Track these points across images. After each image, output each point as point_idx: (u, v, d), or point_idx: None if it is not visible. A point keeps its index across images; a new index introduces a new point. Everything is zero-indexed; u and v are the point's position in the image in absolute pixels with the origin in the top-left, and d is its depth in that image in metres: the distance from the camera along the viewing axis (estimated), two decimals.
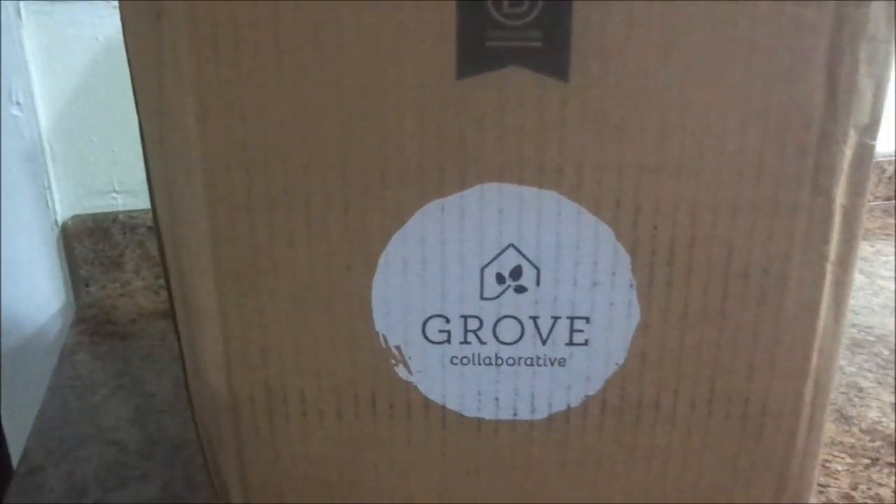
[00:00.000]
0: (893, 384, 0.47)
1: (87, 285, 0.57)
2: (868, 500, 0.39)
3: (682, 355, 0.26)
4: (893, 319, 0.54)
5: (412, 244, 0.25)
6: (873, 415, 0.45)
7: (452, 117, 0.24)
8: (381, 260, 0.25)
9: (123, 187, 0.56)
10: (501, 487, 0.28)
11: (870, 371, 0.49)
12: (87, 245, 0.57)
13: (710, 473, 0.28)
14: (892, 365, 0.49)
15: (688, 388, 0.27)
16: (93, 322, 0.54)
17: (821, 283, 0.25)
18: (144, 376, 0.48)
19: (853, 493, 0.39)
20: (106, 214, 0.56)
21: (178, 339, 0.27)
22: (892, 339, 0.51)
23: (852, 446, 0.43)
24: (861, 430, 0.44)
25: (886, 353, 0.50)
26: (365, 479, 0.28)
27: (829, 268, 0.25)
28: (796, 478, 0.28)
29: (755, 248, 0.25)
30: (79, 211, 0.56)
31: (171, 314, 0.27)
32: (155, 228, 0.27)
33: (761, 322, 0.26)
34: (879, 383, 0.47)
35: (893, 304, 0.55)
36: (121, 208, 0.57)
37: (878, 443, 0.44)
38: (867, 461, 0.42)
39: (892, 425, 0.44)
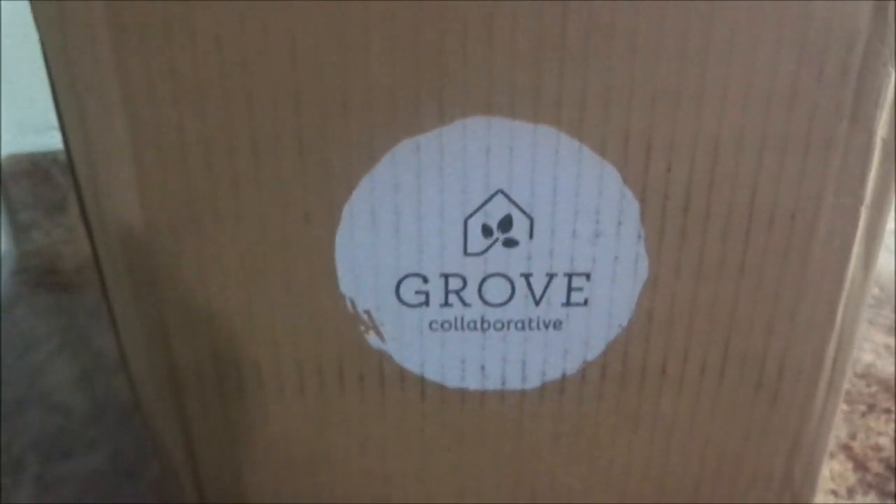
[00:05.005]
0: (893, 324, 0.45)
1: (28, 231, 0.53)
2: (868, 451, 0.37)
3: (693, 314, 0.23)
4: (891, 258, 0.51)
5: (382, 191, 0.21)
6: (867, 357, 0.44)
7: (429, 35, 0.19)
8: (346, 210, 0.21)
9: None
10: (488, 464, 0.25)
11: None
12: (26, 187, 0.52)
13: (718, 442, 0.25)
14: (887, 304, 0.47)
15: (698, 351, 0.24)
16: (35, 272, 0.50)
17: (853, 229, 0.22)
18: (92, 332, 0.44)
19: (852, 444, 0.38)
20: (44, 154, 0.51)
21: (108, 303, 0.23)
22: (884, 277, 0.49)
23: (847, 392, 0.41)
24: (856, 375, 0.42)
25: (877, 291, 0.48)
26: (334, 458, 0.25)
27: (864, 211, 0.22)
28: (811, 442, 0.26)
29: (782, 191, 0.21)
30: (14, 150, 0.51)
31: (98, 273, 0.23)
32: (72, 177, 0.22)
33: (785, 274, 0.23)
34: (871, 323, 0.45)
35: (892, 242, 0.53)
36: (61, 147, 0.52)
37: (874, 388, 0.42)
38: (864, 408, 0.40)
39: (888, 368, 0.43)
